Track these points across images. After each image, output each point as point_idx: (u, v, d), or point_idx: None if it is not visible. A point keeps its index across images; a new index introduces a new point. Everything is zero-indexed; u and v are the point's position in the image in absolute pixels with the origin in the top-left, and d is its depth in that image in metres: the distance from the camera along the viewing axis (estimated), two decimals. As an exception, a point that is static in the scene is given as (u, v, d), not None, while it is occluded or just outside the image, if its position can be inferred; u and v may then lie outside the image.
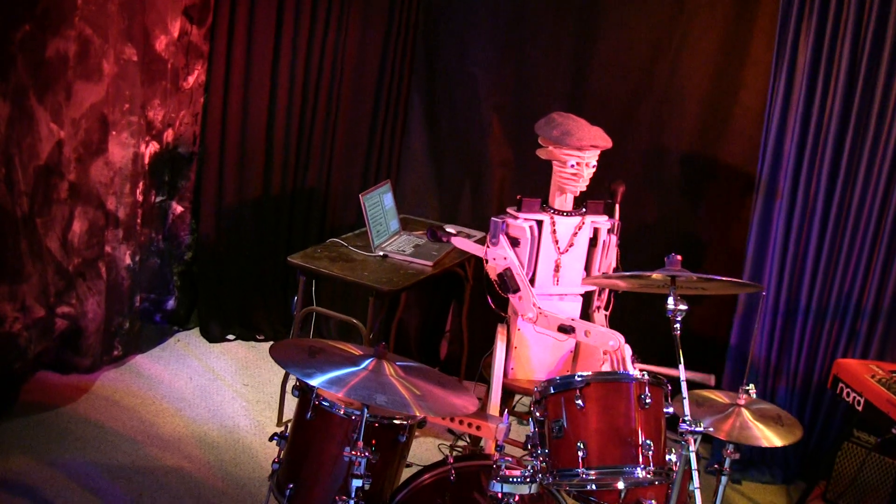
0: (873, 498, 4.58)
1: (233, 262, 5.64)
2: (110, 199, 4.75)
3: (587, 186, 3.94)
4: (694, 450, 2.85)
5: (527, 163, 5.42)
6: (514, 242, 3.89)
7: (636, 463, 2.95)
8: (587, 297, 4.13)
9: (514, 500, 3.03)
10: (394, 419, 3.23)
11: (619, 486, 2.99)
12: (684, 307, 3.01)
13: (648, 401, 2.99)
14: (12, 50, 4.01)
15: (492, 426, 3.33)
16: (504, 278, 3.85)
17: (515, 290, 3.85)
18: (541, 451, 3.07)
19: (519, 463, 3.19)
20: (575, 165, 3.84)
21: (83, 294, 4.69)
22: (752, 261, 4.86)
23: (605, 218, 4.02)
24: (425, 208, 5.70)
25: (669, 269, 3.09)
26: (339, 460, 3.22)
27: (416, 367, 3.22)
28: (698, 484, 2.81)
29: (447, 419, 3.60)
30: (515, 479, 2.99)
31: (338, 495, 3.12)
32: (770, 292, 4.78)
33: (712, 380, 3.43)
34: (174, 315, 5.58)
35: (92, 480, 4.11)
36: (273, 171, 5.56)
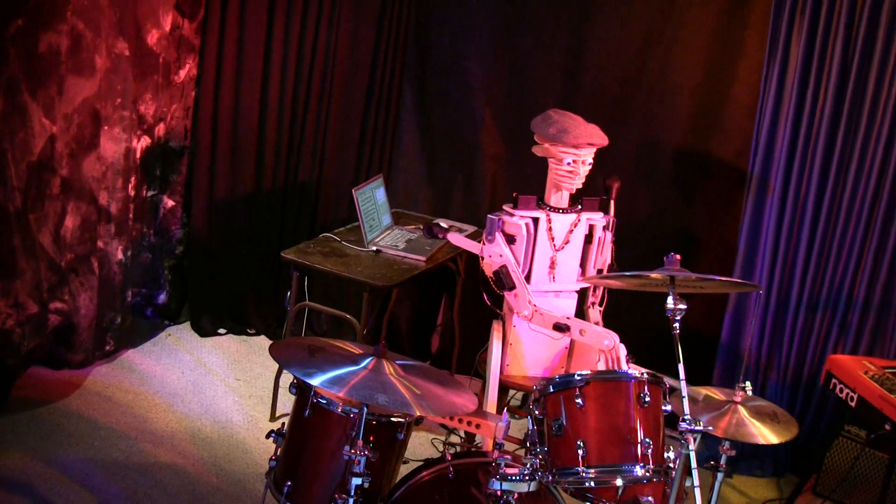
0: (863, 492, 4.62)
1: (224, 256, 5.63)
2: (102, 194, 4.74)
3: (583, 183, 3.94)
4: (694, 448, 2.87)
5: (519, 157, 5.41)
6: (510, 240, 3.90)
7: (636, 461, 2.96)
8: (582, 294, 4.14)
9: (514, 498, 3.04)
10: (391, 417, 3.24)
11: (618, 484, 3.01)
12: (683, 306, 3.04)
13: (648, 399, 3.01)
14: (5, 45, 3.99)
15: (491, 424, 3.34)
16: (500, 275, 3.85)
17: (511, 288, 3.86)
18: (540, 449, 3.08)
19: (517, 460, 3.20)
20: (571, 163, 3.84)
21: (76, 290, 4.67)
22: (743, 255, 4.88)
23: (600, 215, 4.03)
24: (417, 202, 5.69)
25: (669, 269, 3.10)
26: (337, 458, 3.21)
27: (415, 365, 3.22)
28: (698, 482, 2.83)
29: (446, 417, 3.60)
30: (515, 477, 3.00)
31: (336, 493, 3.13)
32: (761, 287, 4.80)
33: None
34: (165, 309, 5.56)
35: (87, 477, 4.10)
36: (265, 165, 5.54)
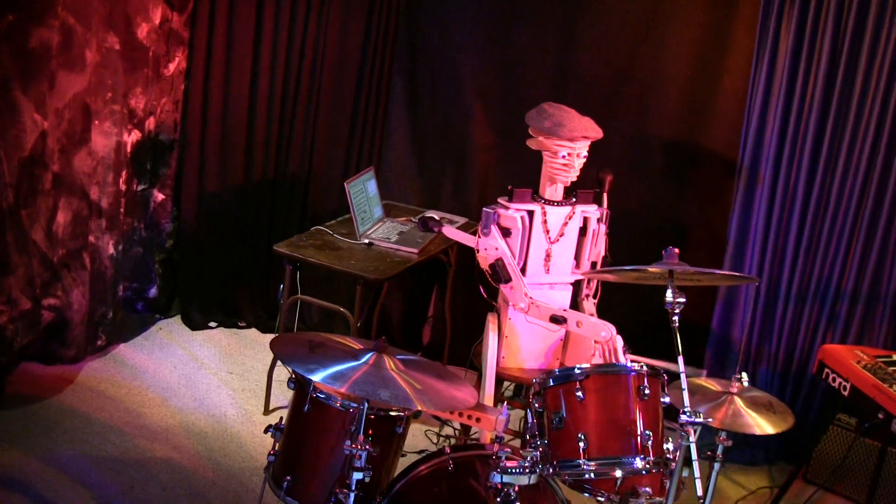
0: (853, 479, 4.67)
1: (214, 249, 5.62)
2: (93, 188, 4.72)
3: (577, 176, 3.96)
4: (694, 440, 2.89)
5: (510, 149, 5.43)
6: (506, 233, 3.91)
7: (636, 453, 2.99)
8: (576, 286, 4.15)
9: (514, 491, 3.06)
10: (389, 411, 3.25)
11: (617, 475, 3.03)
12: (682, 300, 3.06)
13: (647, 392, 3.03)
14: (-3, 40, 3.98)
15: (491, 418, 3.35)
16: (496, 268, 3.87)
17: (507, 280, 3.87)
18: (540, 441, 3.10)
19: (516, 453, 3.21)
20: (566, 156, 3.85)
21: (68, 285, 4.65)
22: (733, 246, 4.91)
23: (594, 207, 4.05)
24: (407, 194, 5.69)
25: (667, 263, 3.12)
26: (336, 452, 3.23)
27: (415, 360, 3.24)
28: (699, 474, 2.86)
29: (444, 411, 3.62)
30: (515, 470, 3.01)
31: (336, 487, 3.15)
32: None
33: (704, 374, 3.48)
34: (156, 303, 5.55)
35: (82, 473, 4.10)
36: (254, 158, 5.53)
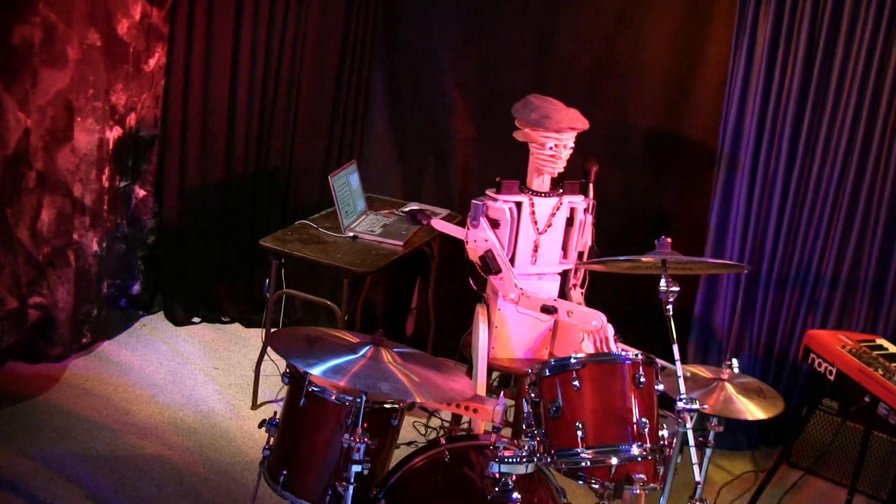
0: (837, 462, 4.74)
1: (196, 244, 5.61)
2: (77, 186, 4.70)
3: (564, 167, 3.99)
4: (691, 427, 2.94)
5: (491, 140, 5.46)
6: (495, 224, 3.93)
7: (633, 440, 3.03)
8: (563, 276, 4.19)
9: (512, 480, 3.08)
10: (384, 404, 3.27)
11: (613, 462, 3.06)
12: (676, 289, 3.10)
13: (643, 380, 3.07)
14: (-21, 39, 3.96)
15: (489, 408, 3.38)
16: (486, 260, 3.89)
17: (497, 272, 3.90)
18: (537, 430, 3.13)
19: (513, 442, 3.24)
20: (553, 147, 3.88)
21: (54, 283, 4.64)
22: (714, 233, 4.97)
23: (581, 198, 4.08)
24: (389, 187, 5.70)
25: (660, 252, 3.16)
26: (332, 446, 3.25)
27: (411, 353, 3.25)
28: (696, 460, 2.91)
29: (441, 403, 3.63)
30: (513, 459, 3.04)
31: (336, 480, 3.17)
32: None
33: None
34: (139, 300, 5.54)
35: (74, 471, 4.09)
36: (235, 153, 5.52)
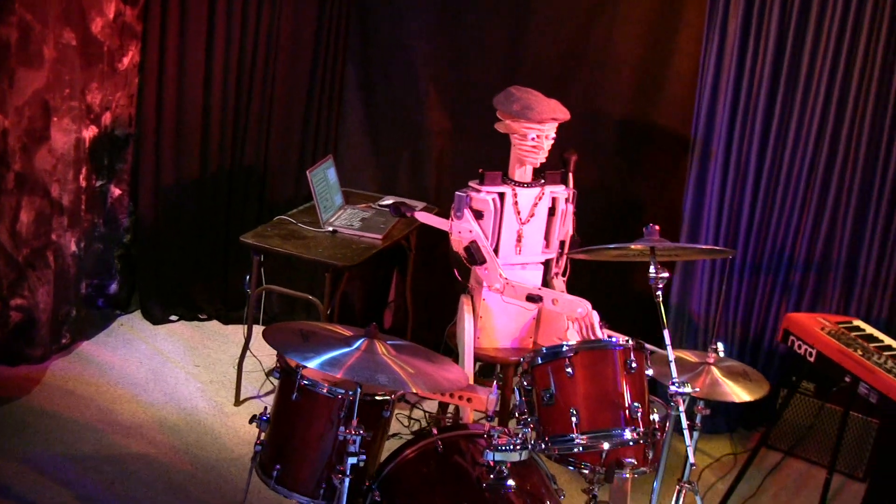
0: (813, 442, 4.83)
1: (172, 242, 5.60)
2: (55, 186, 4.69)
3: (546, 158, 4.03)
4: (683, 410, 2.99)
5: (465, 132, 5.50)
6: (478, 215, 3.96)
7: (626, 425, 3.08)
8: (546, 265, 4.23)
9: (507, 467, 3.12)
10: (376, 395, 3.29)
11: (605, 447, 3.11)
12: (665, 275, 3.15)
13: (634, 365, 3.12)
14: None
15: (483, 397, 3.42)
16: (471, 251, 3.92)
17: (482, 262, 3.93)
18: (531, 418, 3.17)
19: (506, 431, 3.28)
20: (535, 138, 3.91)
21: (34, 284, 4.62)
22: (689, 220, 5.03)
23: (562, 187, 4.12)
24: (364, 181, 5.71)
25: (649, 240, 3.21)
26: (325, 439, 3.28)
27: (405, 345, 3.28)
28: (690, 442, 2.96)
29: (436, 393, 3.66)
30: (507, 447, 3.07)
31: (329, 474, 3.19)
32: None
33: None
34: (116, 299, 5.51)
35: (61, 472, 4.08)
36: (210, 150, 5.51)
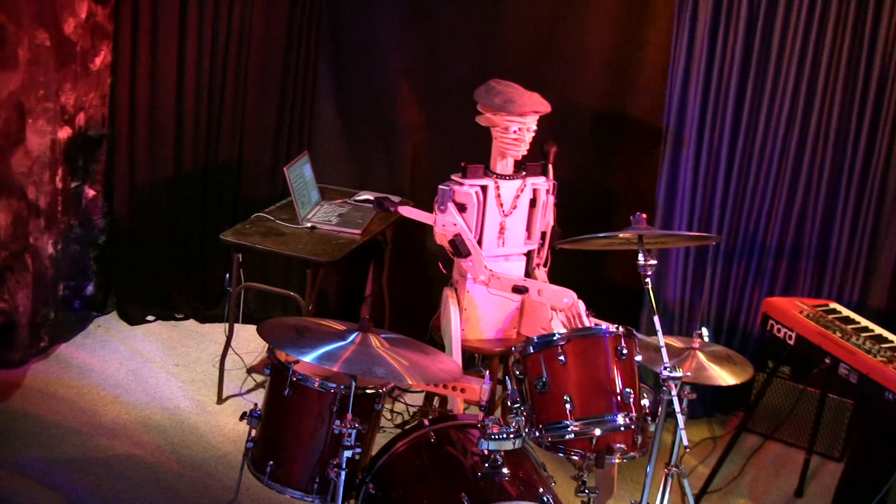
0: (789, 425, 4.92)
1: (148, 242, 5.58)
2: (31, 188, 4.66)
3: (527, 150, 4.07)
4: (676, 394, 3.05)
5: (439, 125, 5.53)
6: (461, 208, 3.99)
7: (618, 411, 3.14)
8: (527, 256, 4.27)
9: (501, 456, 3.15)
10: (366, 389, 3.32)
11: (596, 433, 3.16)
12: (654, 262, 3.21)
13: (625, 352, 3.18)
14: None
15: (476, 387, 3.46)
16: (455, 244, 3.95)
17: (467, 255, 3.96)
18: (524, 406, 3.21)
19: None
20: (517, 131, 3.95)
21: (13, 288, 4.59)
22: (662, 209, 5.08)
23: (542, 179, 4.16)
24: (339, 176, 5.70)
25: (637, 228, 3.27)
26: (318, 434, 3.31)
27: (398, 338, 3.31)
28: (682, 425, 3.02)
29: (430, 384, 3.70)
30: (500, 436, 3.10)
31: (322, 468, 3.22)
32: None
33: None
34: (93, 300, 5.48)
35: (48, 476, 4.06)
36: (184, 149, 5.49)
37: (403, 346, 3.24)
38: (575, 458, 3.24)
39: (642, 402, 3.22)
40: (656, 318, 3.16)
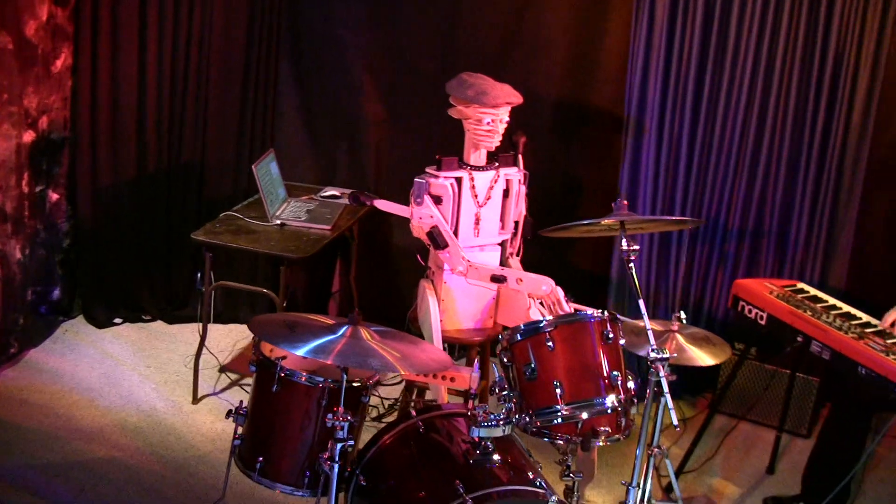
0: (759, 405, 5.02)
1: (112, 245, 5.53)
2: (-3, 193, 4.62)
3: (500, 141, 4.11)
4: (664, 375, 3.12)
5: (402, 120, 5.56)
6: (437, 200, 4.03)
7: (607, 393, 3.20)
8: (501, 246, 4.32)
9: (492, 442, 3.20)
10: (353, 381, 3.34)
11: (583, 417, 3.22)
12: (636, 247, 3.27)
13: (611, 336, 3.24)
14: None
15: (466, 376, 3.50)
16: (433, 236, 3.99)
17: (445, 246, 4.01)
18: (513, 393, 3.26)
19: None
20: (491, 122, 4.00)
21: (-16, 294, 4.55)
22: (626, 195, 5.16)
23: (515, 169, 4.22)
24: (303, 173, 5.71)
25: (618, 214, 3.34)
26: (307, 428, 3.33)
27: (387, 330, 3.33)
28: (672, 404, 3.09)
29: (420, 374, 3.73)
30: (492, 423, 3.14)
31: (318, 461, 3.23)
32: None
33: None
34: (59, 305, 5.43)
35: (29, 482, 4.04)
36: (147, 149, 5.46)
37: (393, 338, 3.27)
38: (560, 442, 3.29)
39: (629, 385, 3.28)
40: (641, 302, 3.23)
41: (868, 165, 4.92)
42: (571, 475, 3.36)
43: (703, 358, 3.66)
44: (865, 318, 4.01)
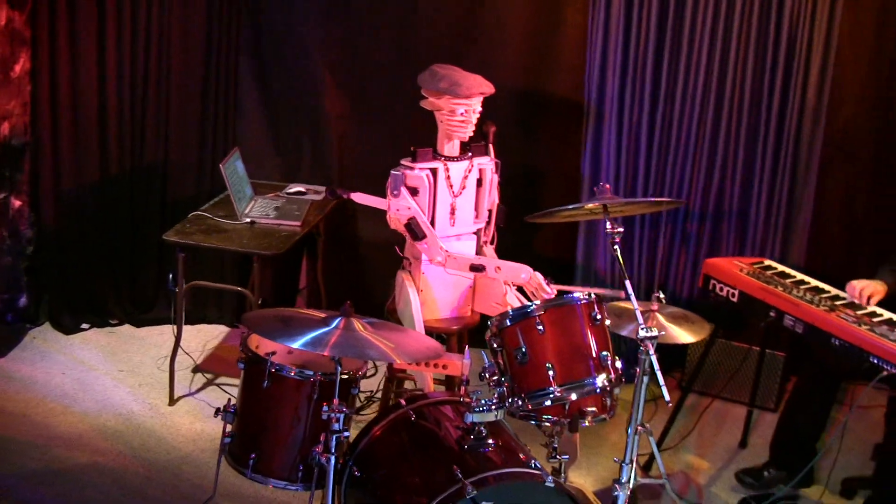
0: (734, 383, 5.13)
1: (77, 250, 5.49)
2: (-38, 201, 4.56)
3: (473, 131, 4.16)
4: (654, 354, 3.19)
5: (364, 114, 5.58)
6: (414, 192, 4.07)
7: (597, 373, 3.27)
8: (476, 235, 4.37)
9: (485, 427, 3.25)
10: (343, 374, 3.37)
11: (573, 398, 3.28)
12: (620, 229, 3.35)
13: (598, 317, 3.31)
14: None
15: (457, 363, 3.55)
16: (411, 227, 4.03)
17: (423, 237, 4.05)
18: (505, 378, 3.31)
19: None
20: (464, 113, 4.05)
21: (-46, 303, 4.49)
22: (588, 182, 5.26)
23: (487, 159, 4.27)
24: (267, 170, 5.69)
25: (601, 198, 3.40)
26: (299, 422, 3.37)
27: (377, 321, 3.36)
28: (663, 382, 3.16)
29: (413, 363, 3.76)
30: (485, 408, 3.19)
31: (311, 454, 3.25)
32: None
33: (622, 294, 3.78)
34: (25, 312, 5.38)
35: (13, 491, 4.00)
36: (110, 152, 5.42)
37: (384, 329, 3.30)
38: (546, 424, 3.35)
39: (617, 365, 3.36)
40: (627, 283, 3.29)
41: (823, 144, 5.06)
42: (558, 457, 3.41)
43: (683, 336, 3.74)
44: (834, 291, 4.12)
